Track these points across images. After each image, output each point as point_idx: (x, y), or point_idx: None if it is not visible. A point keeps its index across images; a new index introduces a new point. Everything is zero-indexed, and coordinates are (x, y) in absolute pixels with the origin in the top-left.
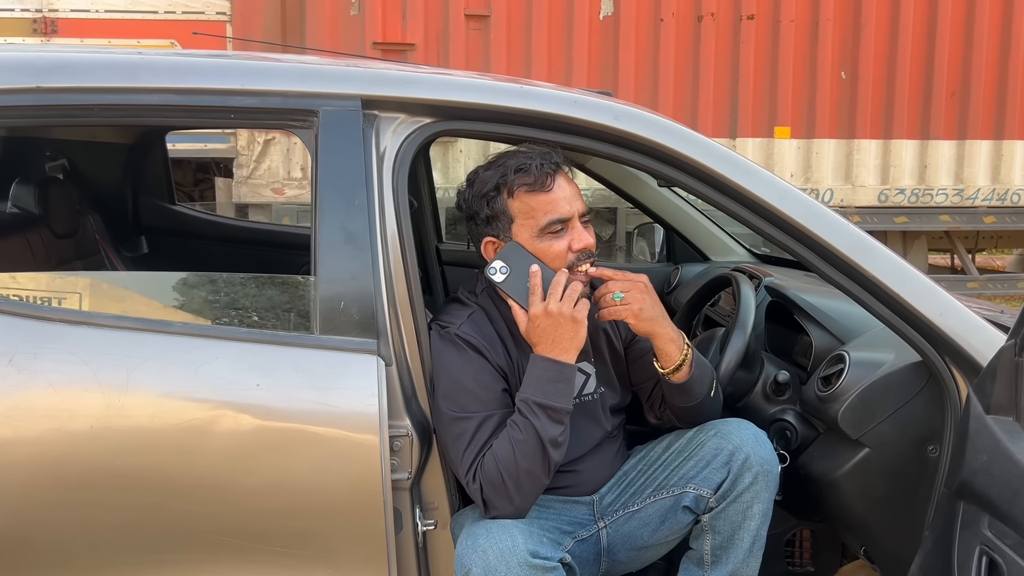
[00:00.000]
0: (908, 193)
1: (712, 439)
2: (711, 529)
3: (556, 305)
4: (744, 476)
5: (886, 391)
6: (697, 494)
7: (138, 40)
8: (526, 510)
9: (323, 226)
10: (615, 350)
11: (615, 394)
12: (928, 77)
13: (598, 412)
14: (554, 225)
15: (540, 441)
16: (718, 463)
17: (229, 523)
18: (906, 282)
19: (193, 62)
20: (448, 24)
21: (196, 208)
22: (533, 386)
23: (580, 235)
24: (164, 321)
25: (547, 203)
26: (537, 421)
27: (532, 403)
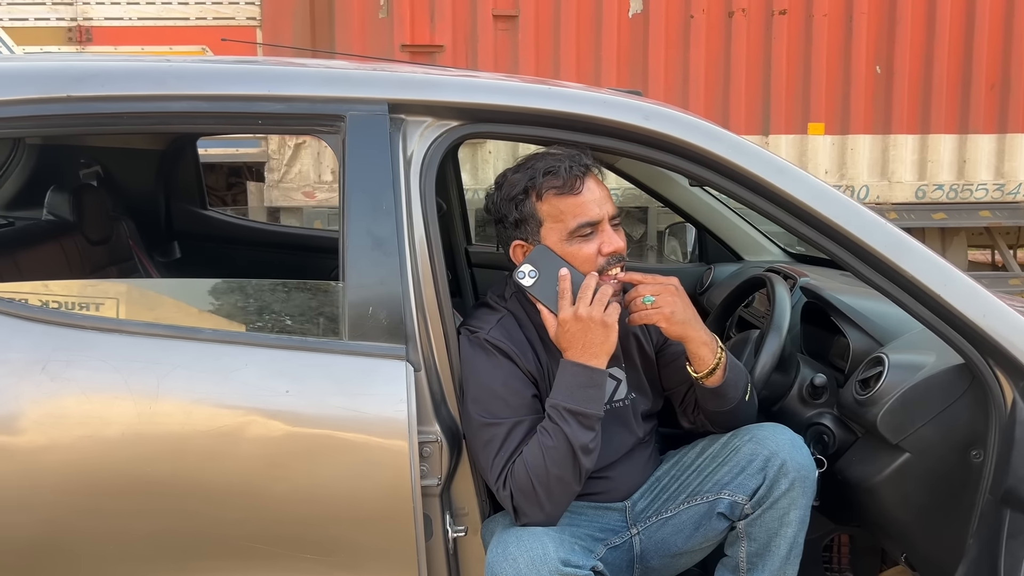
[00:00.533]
0: (947, 189)
1: (747, 444)
2: (747, 536)
3: (586, 309)
4: (780, 482)
5: (927, 394)
6: (732, 500)
7: (170, 47)
8: (557, 517)
9: (351, 231)
10: (646, 355)
11: (647, 400)
12: (967, 69)
13: (629, 418)
14: (583, 228)
15: (571, 448)
16: (753, 469)
17: (259, 530)
18: (947, 282)
19: (220, 69)
20: (476, 25)
21: (228, 213)
22: (563, 392)
23: (610, 238)
24: (194, 328)
25: (576, 206)
26: (567, 427)
27: (562, 409)
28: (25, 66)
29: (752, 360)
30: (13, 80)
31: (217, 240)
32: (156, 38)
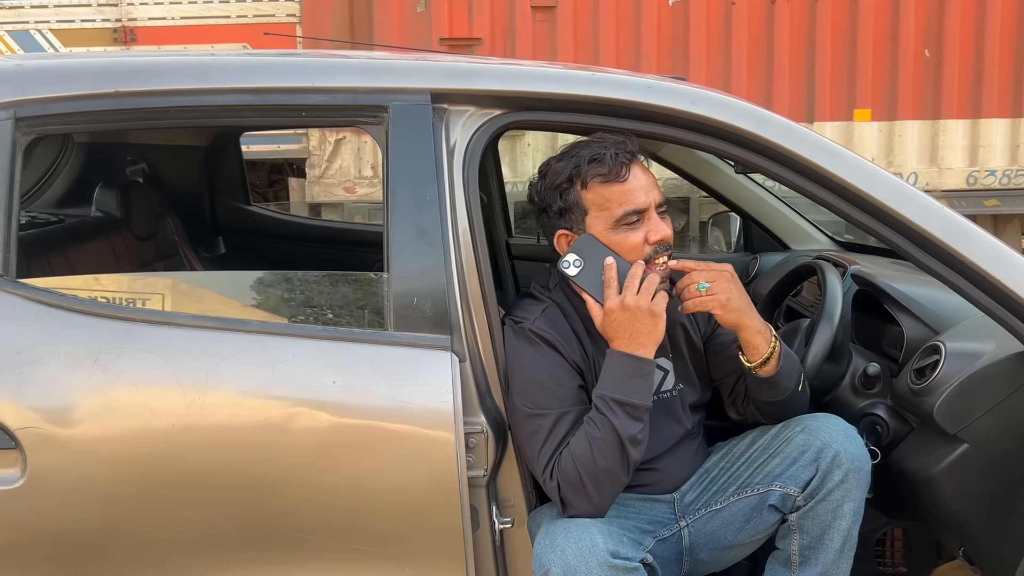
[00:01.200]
0: (999, 174)
1: (799, 435)
2: (799, 529)
3: (633, 298)
4: (834, 473)
5: (986, 383)
6: (784, 492)
7: (212, 45)
8: (605, 509)
9: (395, 222)
10: (694, 345)
11: (695, 390)
12: (1020, 50)
13: (677, 409)
14: (629, 216)
15: (619, 439)
16: (806, 460)
17: (308, 521)
18: (1008, 267)
19: (264, 62)
20: (514, 17)
21: (271, 208)
22: (611, 382)
23: (657, 226)
24: (241, 320)
25: (622, 194)
26: (615, 418)
27: (610, 399)
28: (73, 63)
29: (803, 350)
30: (62, 77)
31: (260, 235)
32: (198, 37)
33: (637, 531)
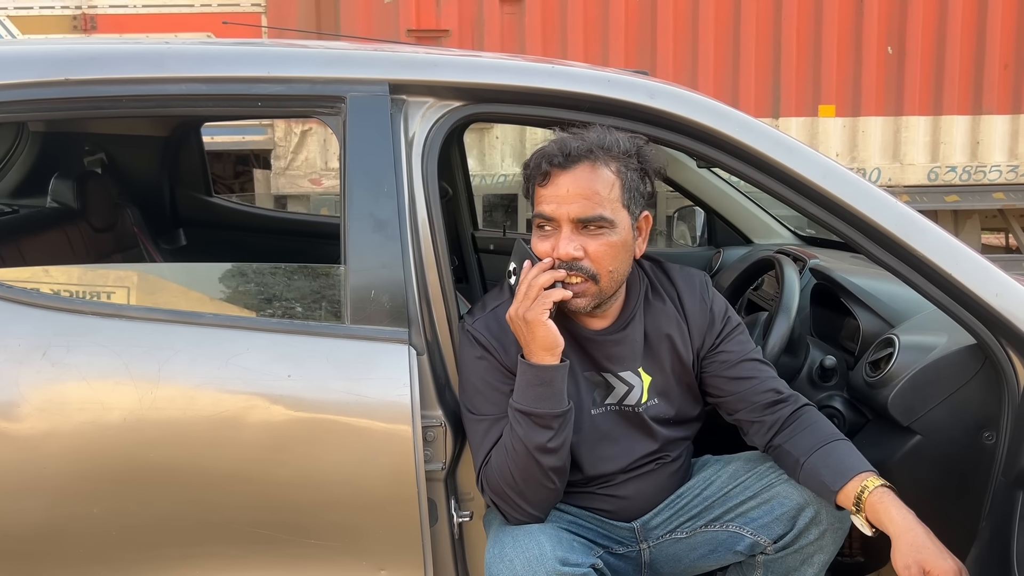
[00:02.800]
0: (959, 171)
1: (782, 484)
2: (763, 567)
3: (515, 306)
4: (810, 531)
5: (939, 376)
6: (754, 541)
7: (175, 34)
8: (544, 513)
9: (352, 214)
10: (681, 360)
11: (671, 406)
12: (980, 49)
13: (645, 424)
14: (539, 220)
15: (527, 449)
16: (784, 515)
17: (262, 516)
18: (959, 261)
19: (220, 50)
20: (482, 9)
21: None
22: (517, 392)
23: (560, 243)
24: (194, 312)
25: (540, 197)
26: (520, 428)
27: (514, 410)
28: (23, 50)
29: (761, 342)
30: (11, 64)
31: (223, 227)
32: (161, 26)
33: (588, 541)
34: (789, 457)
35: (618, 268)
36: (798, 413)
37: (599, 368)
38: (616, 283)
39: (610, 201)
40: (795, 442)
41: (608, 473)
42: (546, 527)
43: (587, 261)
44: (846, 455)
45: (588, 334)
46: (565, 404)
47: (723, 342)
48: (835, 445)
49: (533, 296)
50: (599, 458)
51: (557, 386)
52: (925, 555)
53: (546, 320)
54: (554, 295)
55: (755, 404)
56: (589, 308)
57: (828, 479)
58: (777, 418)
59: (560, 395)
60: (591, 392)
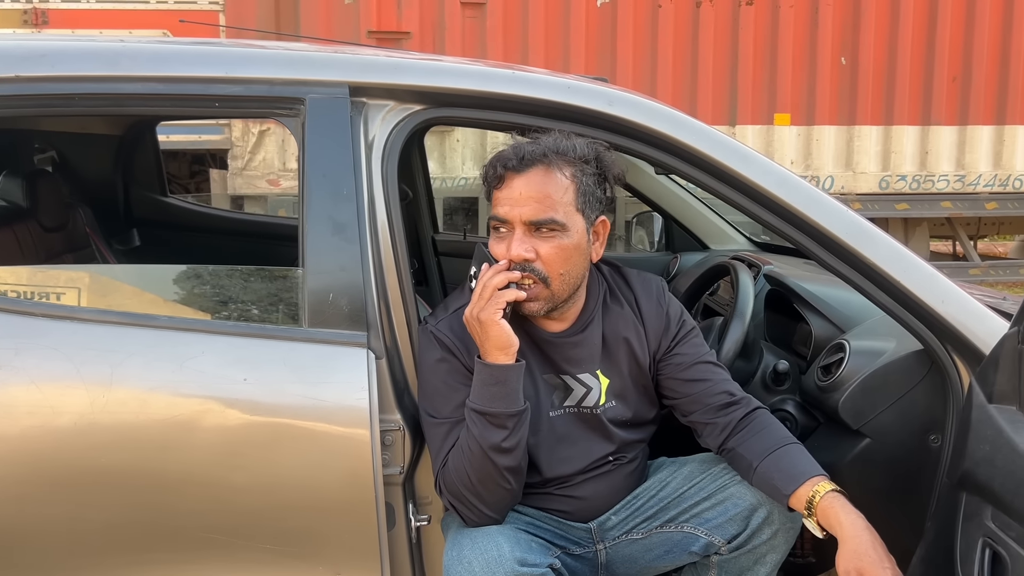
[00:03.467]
0: (909, 180)
1: (735, 485)
2: (717, 567)
3: (469, 308)
4: (763, 531)
5: (887, 380)
6: (708, 541)
7: (130, 31)
8: (501, 514)
9: (311, 217)
10: (637, 362)
11: (627, 409)
12: (929, 62)
13: (602, 427)
14: (494, 222)
15: (481, 449)
16: (737, 515)
17: (217, 520)
18: (907, 269)
19: (176, 50)
20: (444, 12)
21: (189, 200)
22: (473, 392)
23: (512, 244)
24: (149, 315)
25: (496, 199)
26: (475, 428)
27: (470, 410)
28: None
29: (716, 346)
30: None
31: (178, 228)
32: (115, 22)
33: (545, 542)
34: (742, 461)
35: (570, 271)
36: (751, 416)
37: (558, 370)
38: (569, 286)
39: (563, 205)
40: (748, 446)
41: (566, 475)
42: (504, 528)
43: (539, 263)
44: (798, 459)
45: (547, 336)
46: (520, 404)
47: (678, 345)
48: (787, 449)
49: (487, 296)
50: (557, 460)
51: (511, 386)
52: (865, 563)
53: (499, 320)
54: (507, 295)
55: (708, 406)
56: (543, 312)
57: (780, 483)
58: (730, 420)
59: (514, 395)
60: (550, 394)
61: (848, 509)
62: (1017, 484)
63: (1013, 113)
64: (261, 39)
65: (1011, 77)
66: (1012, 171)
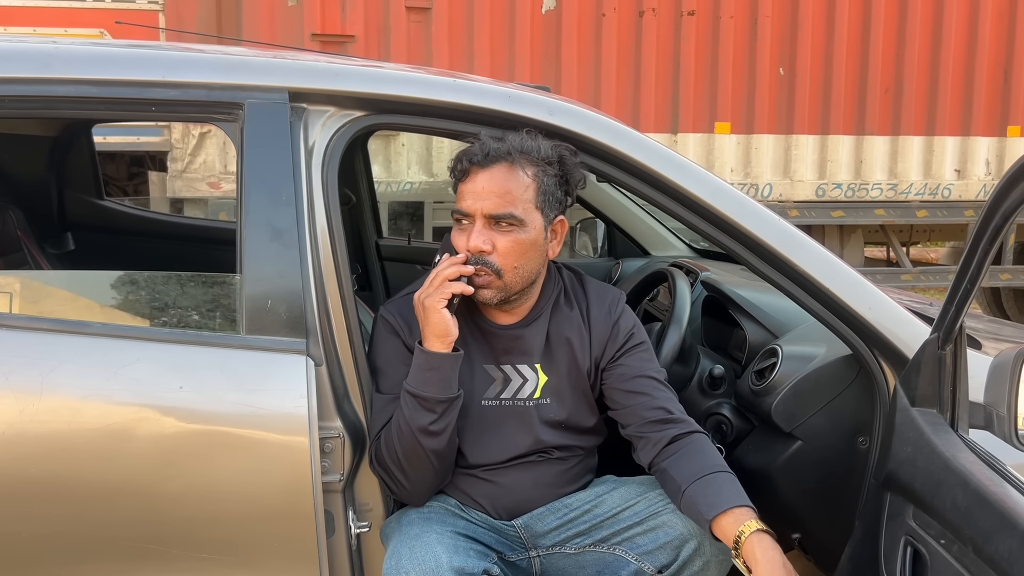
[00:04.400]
0: (844, 188)
1: (668, 513)
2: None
3: (419, 292)
4: (693, 563)
5: (818, 384)
6: (639, 567)
7: (65, 29)
8: (425, 494)
9: (249, 222)
10: (576, 365)
11: (562, 409)
12: (863, 74)
13: (531, 421)
14: (457, 215)
15: (410, 429)
16: (669, 544)
17: (152, 530)
18: (836, 276)
19: (111, 52)
20: (389, 16)
21: (126, 203)
22: (410, 374)
23: (472, 236)
24: (81, 322)
25: (460, 192)
26: (407, 409)
27: (405, 391)
28: None
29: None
30: None
31: (115, 231)
32: (51, 20)
33: (483, 546)
34: (672, 482)
35: (524, 265)
36: (687, 438)
37: (498, 360)
38: (522, 280)
39: (523, 201)
40: (679, 467)
41: (489, 462)
42: (443, 536)
43: (494, 256)
44: (726, 487)
45: (492, 328)
46: (452, 392)
47: (623, 356)
48: (716, 476)
49: (436, 285)
50: (482, 447)
51: (445, 373)
52: None
53: (440, 308)
54: (455, 287)
55: (644, 419)
56: (495, 301)
57: (704, 508)
58: (662, 437)
59: (447, 382)
60: (486, 384)
61: (766, 547)
62: (936, 484)
63: (942, 124)
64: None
65: (940, 90)
66: (941, 180)
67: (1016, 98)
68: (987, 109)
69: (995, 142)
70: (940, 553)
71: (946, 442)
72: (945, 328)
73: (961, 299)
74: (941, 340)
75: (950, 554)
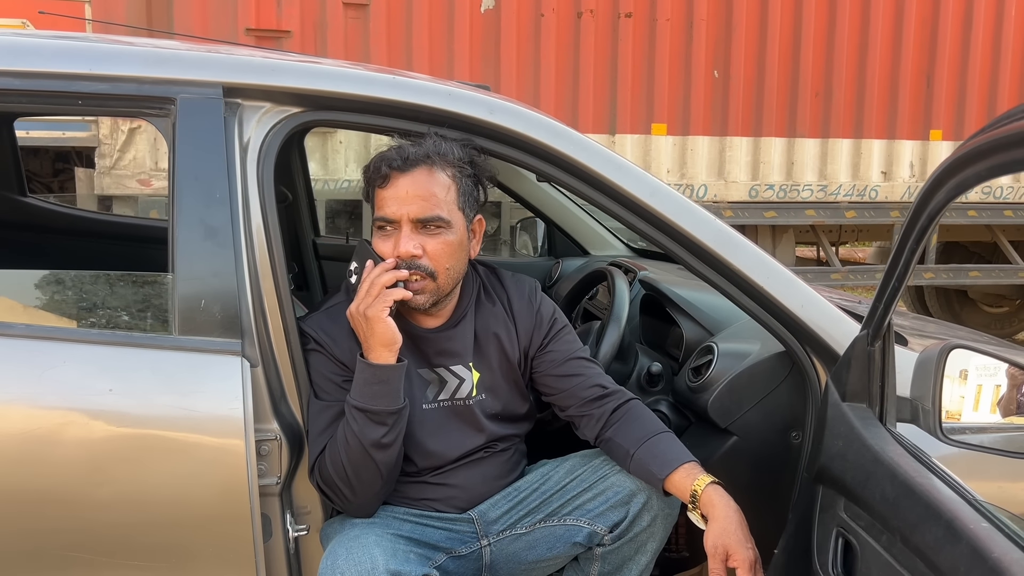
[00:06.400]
0: (777, 189)
1: (615, 474)
2: (601, 558)
3: (356, 304)
4: (642, 518)
5: (752, 381)
6: (592, 530)
7: None
8: (371, 508)
9: (181, 221)
10: (507, 358)
11: (498, 401)
12: (795, 77)
13: (475, 418)
14: (380, 222)
15: (361, 445)
16: (617, 502)
17: (79, 539)
18: (770, 276)
19: (36, 43)
20: (325, 12)
21: (51, 200)
22: (354, 389)
23: (400, 241)
24: (5, 323)
25: (381, 199)
26: (355, 424)
27: (351, 407)
28: None
29: (594, 349)
30: None
31: (38, 230)
32: None
33: (429, 548)
34: (619, 449)
35: (454, 266)
36: (625, 407)
37: (432, 364)
38: (453, 281)
39: (447, 203)
40: (624, 435)
41: (438, 465)
42: (382, 539)
43: (426, 259)
44: (671, 446)
45: (421, 332)
46: (401, 401)
47: (551, 342)
48: (661, 437)
49: (375, 293)
50: (429, 451)
51: (394, 384)
52: (730, 540)
53: (386, 317)
54: (395, 294)
55: (583, 399)
56: (428, 304)
57: (656, 468)
58: (604, 411)
59: (396, 393)
60: (423, 388)
61: (722, 495)
62: (866, 476)
63: (869, 127)
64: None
65: (867, 94)
66: (868, 182)
67: (938, 103)
68: (911, 113)
69: (919, 145)
70: (870, 543)
71: (875, 435)
72: (874, 325)
73: (889, 297)
74: (870, 337)
75: (879, 544)
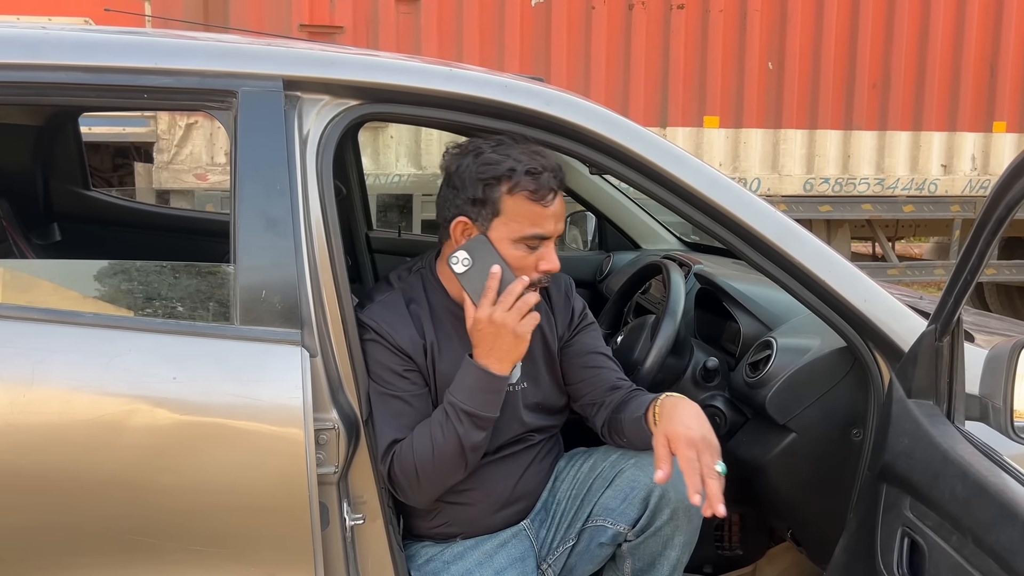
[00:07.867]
0: (832, 182)
1: (630, 468)
2: (630, 554)
3: (502, 314)
4: (662, 512)
5: (812, 376)
6: (616, 530)
7: (49, 17)
8: (432, 499)
9: (243, 212)
10: (548, 347)
11: (538, 391)
12: (851, 69)
13: (516, 405)
14: (534, 239)
15: (461, 447)
16: (635, 497)
17: (143, 523)
18: (831, 269)
19: (103, 39)
20: (377, 7)
21: (113, 194)
22: (463, 391)
23: (550, 256)
24: (73, 312)
25: (539, 215)
26: (461, 427)
27: (459, 409)
28: None
29: (648, 344)
30: None
31: (101, 222)
32: (34, 7)
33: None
34: (618, 423)
35: None
36: (632, 393)
37: None
38: None
39: None
40: (624, 410)
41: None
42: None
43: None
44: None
45: None
46: (500, 407)
47: (578, 334)
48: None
49: (524, 311)
50: None
51: (502, 393)
52: (670, 427)
53: (529, 337)
54: (536, 316)
55: (598, 388)
56: None
57: (636, 411)
58: (614, 399)
59: (501, 401)
60: None
61: (678, 398)
62: (933, 475)
63: (928, 119)
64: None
65: (927, 85)
66: (927, 175)
67: (1002, 93)
68: (973, 104)
69: (981, 137)
70: (938, 544)
71: (944, 433)
72: (943, 320)
73: (960, 290)
74: (939, 332)
75: (948, 544)
